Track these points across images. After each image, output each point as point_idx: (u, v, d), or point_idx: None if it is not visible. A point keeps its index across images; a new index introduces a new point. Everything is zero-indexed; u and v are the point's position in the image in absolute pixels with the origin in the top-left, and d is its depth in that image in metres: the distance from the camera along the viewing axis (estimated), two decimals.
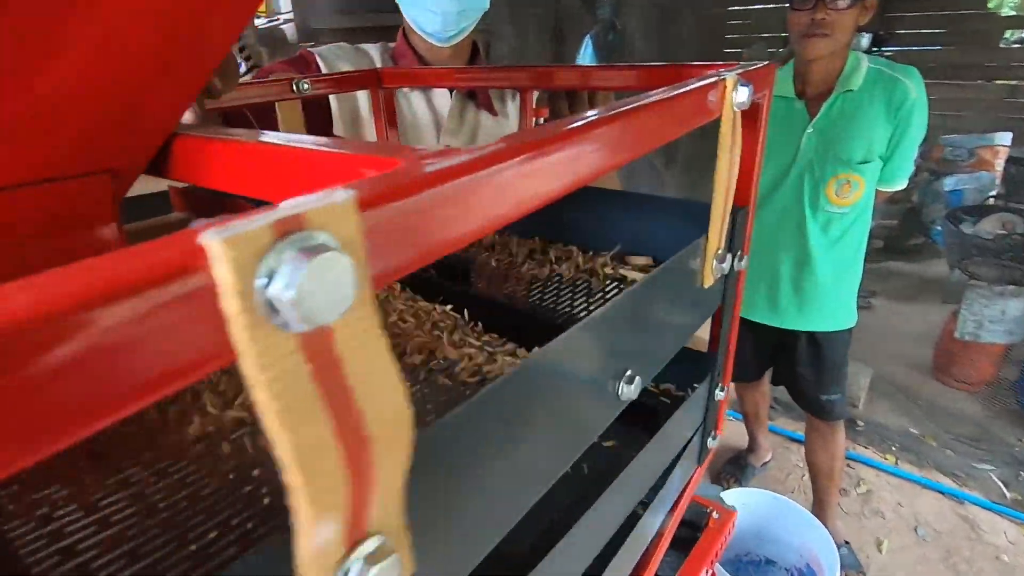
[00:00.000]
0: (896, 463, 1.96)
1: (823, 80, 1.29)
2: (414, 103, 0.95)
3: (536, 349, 0.31)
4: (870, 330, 2.19)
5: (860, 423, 2.11)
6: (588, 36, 2.80)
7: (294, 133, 0.65)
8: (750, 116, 0.41)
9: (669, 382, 0.57)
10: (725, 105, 0.36)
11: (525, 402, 0.29)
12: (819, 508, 1.63)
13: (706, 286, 0.43)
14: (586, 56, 2.76)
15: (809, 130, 1.32)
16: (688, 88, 0.33)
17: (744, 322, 1.37)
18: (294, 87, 0.65)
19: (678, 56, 2.87)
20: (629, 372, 0.36)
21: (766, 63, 0.43)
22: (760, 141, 0.45)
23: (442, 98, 0.96)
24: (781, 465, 1.98)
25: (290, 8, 4.50)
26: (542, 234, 0.61)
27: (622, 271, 0.54)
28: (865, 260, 1.44)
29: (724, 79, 0.36)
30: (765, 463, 1.95)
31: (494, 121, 0.99)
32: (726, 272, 0.47)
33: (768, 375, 1.70)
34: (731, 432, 1.99)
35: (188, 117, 0.43)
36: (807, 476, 1.71)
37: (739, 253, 0.48)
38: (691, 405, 0.51)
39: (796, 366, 1.51)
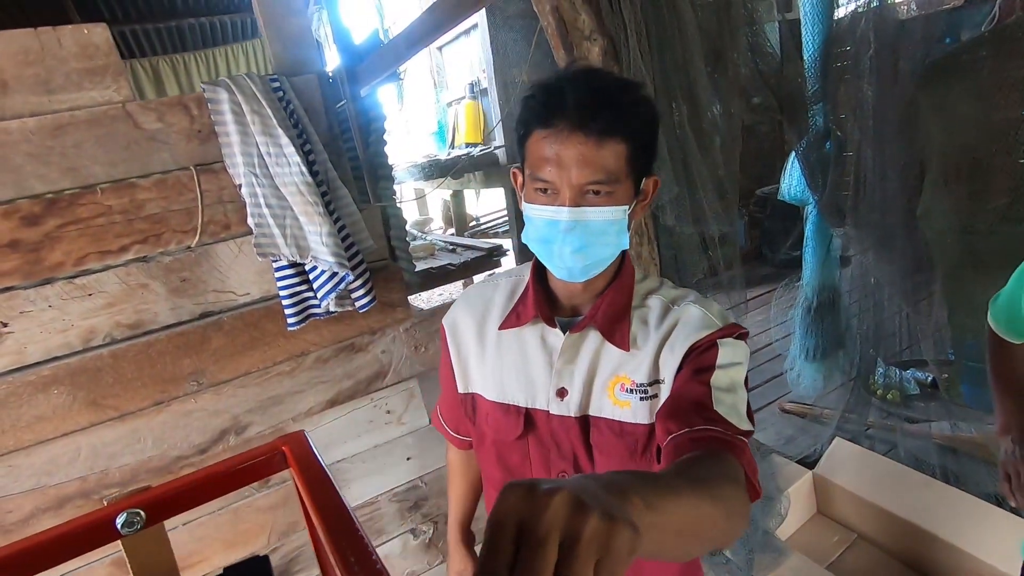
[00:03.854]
0: None
1: None
2: (527, 339, 0.87)
3: None
4: None
5: None
6: (793, 153, 2.43)
7: None
8: None
9: None
10: None
11: None
12: None
13: None
14: (793, 178, 2.46)
15: None
16: None
17: None
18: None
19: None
20: None
21: None
22: None
23: (554, 335, 0.85)
24: None
25: (503, 136, 5.18)
26: None
27: None
28: None
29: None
30: None
31: (621, 354, 0.83)
32: None
33: None
34: None
35: None
36: None
37: None
38: None
39: None
